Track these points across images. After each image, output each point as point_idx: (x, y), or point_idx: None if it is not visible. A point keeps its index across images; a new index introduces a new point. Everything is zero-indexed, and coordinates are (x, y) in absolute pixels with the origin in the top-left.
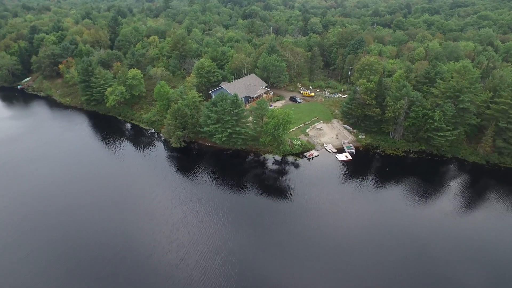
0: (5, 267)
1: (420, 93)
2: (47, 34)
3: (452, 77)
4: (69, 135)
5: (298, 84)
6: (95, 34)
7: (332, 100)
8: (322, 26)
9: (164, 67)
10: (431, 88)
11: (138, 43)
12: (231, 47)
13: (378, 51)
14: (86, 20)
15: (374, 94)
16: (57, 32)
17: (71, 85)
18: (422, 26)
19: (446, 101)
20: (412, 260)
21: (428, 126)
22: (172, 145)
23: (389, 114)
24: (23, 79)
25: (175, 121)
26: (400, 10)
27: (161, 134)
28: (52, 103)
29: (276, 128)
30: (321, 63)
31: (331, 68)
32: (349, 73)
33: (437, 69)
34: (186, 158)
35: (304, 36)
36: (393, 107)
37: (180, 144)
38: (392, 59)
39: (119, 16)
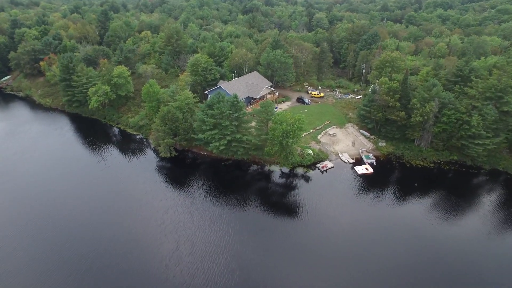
0: None
1: (452, 94)
2: (30, 28)
3: (490, 74)
4: (46, 141)
5: (305, 84)
6: (82, 29)
7: (345, 102)
8: (328, 21)
9: (156, 64)
10: (465, 88)
11: (129, 39)
12: (230, 42)
13: (395, 47)
14: (75, 14)
15: (398, 95)
16: (40, 26)
17: (53, 85)
18: (436, 21)
19: (485, 103)
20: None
21: (463, 133)
22: (160, 154)
23: (416, 119)
24: (2, 77)
25: (165, 126)
26: (410, 5)
27: (150, 141)
28: (31, 104)
29: (285, 135)
30: (330, 60)
31: (340, 65)
32: (363, 71)
33: (471, 65)
34: (179, 170)
35: (309, 32)
36: (421, 110)
37: (170, 154)
38: (411, 55)
39: (112, 12)
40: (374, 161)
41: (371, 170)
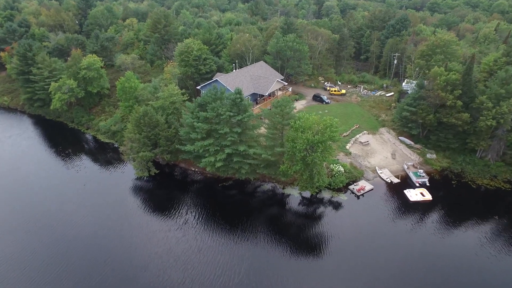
0: None
1: None
2: None
3: None
4: None
5: (319, 78)
6: (56, 16)
7: (373, 100)
8: (339, 10)
9: (140, 55)
10: None
11: (111, 27)
12: (230, 30)
13: (431, 32)
14: (52, 1)
15: (459, 91)
16: (4, 11)
17: (14, 80)
18: (463, 8)
19: None
20: None
21: None
22: (135, 173)
23: (487, 123)
24: None
25: (140, 134)
26: None
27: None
28: None
29: (310, 149)
30: (352, 50)
31: (362, 57)
32: (394, 62)
33: None
34: (163, 195)
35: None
36: (493, 111)
37: (148, 172)
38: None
39: (98, 1)
40: (426, 180)
41: (428, 197)
